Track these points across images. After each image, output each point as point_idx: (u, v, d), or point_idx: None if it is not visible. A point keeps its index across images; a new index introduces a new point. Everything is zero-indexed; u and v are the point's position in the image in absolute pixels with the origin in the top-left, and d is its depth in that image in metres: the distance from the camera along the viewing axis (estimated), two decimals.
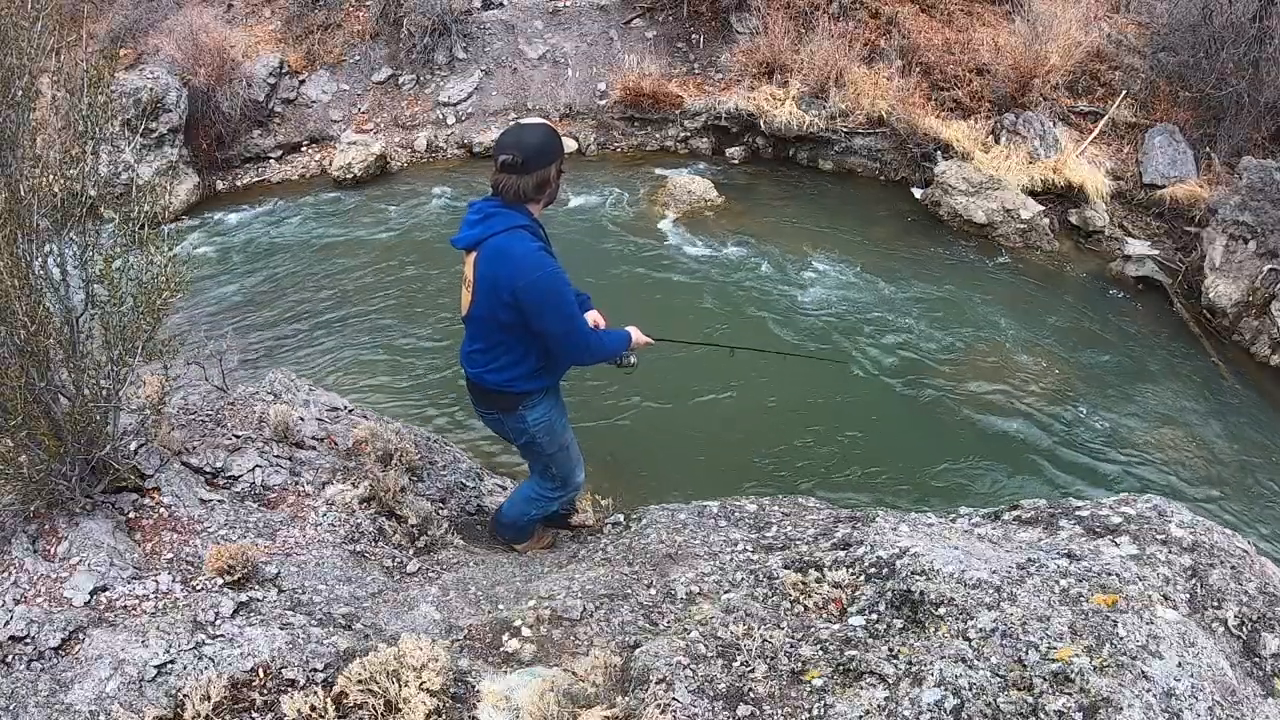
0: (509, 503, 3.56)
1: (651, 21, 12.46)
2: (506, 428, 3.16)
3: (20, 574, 2.61)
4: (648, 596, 2.74)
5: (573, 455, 3.33)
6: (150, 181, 3.12)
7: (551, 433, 3.16)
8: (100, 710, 2.19)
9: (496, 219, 2.78)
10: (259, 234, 9.99)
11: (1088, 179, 9.66)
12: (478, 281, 2.84)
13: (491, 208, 2.82)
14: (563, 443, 3.24)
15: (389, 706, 2.08)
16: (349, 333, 7.91)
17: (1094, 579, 2.05)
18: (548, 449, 3.20)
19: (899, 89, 10.73)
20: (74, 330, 2.86)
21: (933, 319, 8.02)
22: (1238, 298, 7.85)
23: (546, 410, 3.10)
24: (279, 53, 11.99)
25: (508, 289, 2.73)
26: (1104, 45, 10.89)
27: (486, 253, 2.79)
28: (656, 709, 1.98)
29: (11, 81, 2.65)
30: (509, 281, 2.72)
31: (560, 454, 3.26)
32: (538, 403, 3.06)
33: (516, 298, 2.73)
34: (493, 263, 2.77)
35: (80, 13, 11.05)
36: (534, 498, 3.42)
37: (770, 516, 3.26)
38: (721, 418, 6.60)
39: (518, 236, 2.75)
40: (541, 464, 3.30)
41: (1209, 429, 6.77)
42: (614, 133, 11.70)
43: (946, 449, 6.38)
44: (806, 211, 10.14)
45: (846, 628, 2.17)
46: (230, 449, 3.55)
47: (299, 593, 2.86)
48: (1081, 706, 1.74)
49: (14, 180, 2.65)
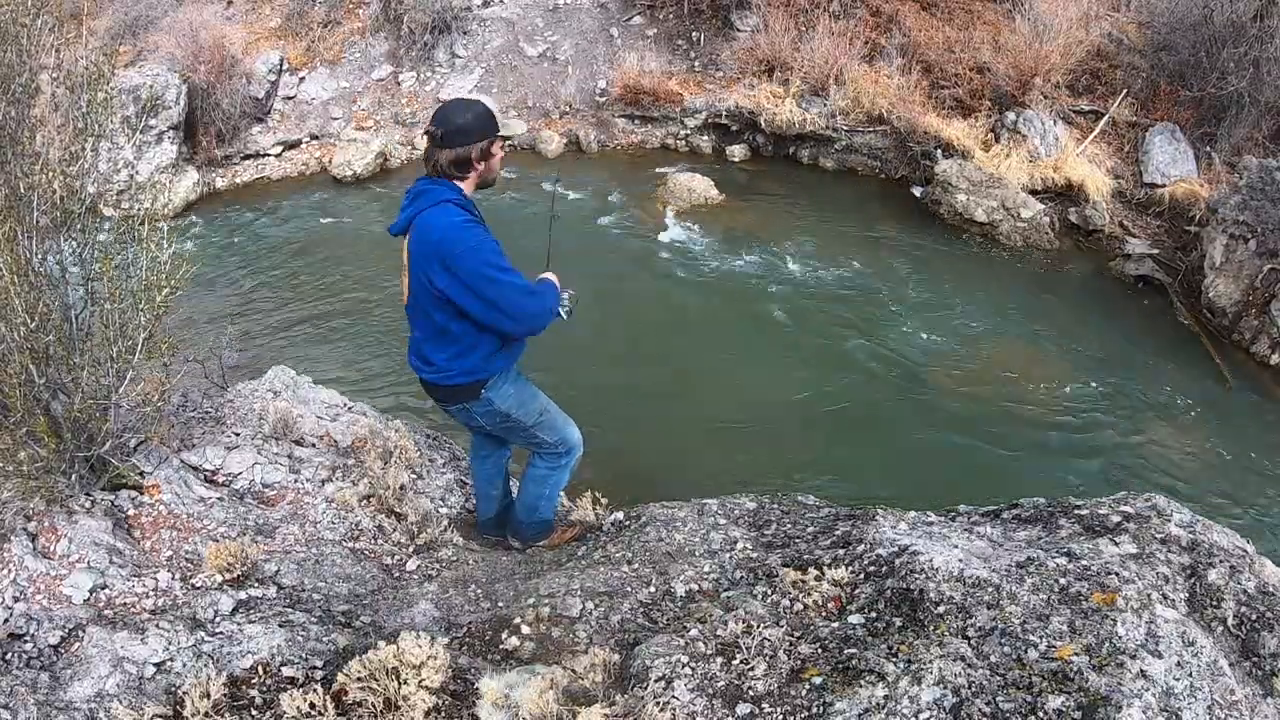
0: (517, 501, 3.45)
1: (652, 19, 12.45)
2: (477, 416, 3.06)
3: (19, 572, 2.61)
4: (647, 594, 2.73)
5: (557, 417, 3.19)
6: (150, 179, 3.12)
7: (524, 404, 3.06)
8: (99, 708, 2.19)
9: (423, 196, 2.74)
10: (259, 231, 9.98)
11: (1088, 178, 9.66)
12: (411, 263, 2.77)
13: (421, 186, 2.78)
14: (540, 408, 3.12)
15: (388, 704, 2.08)
16: (349, 330, 7.91)
17: (1093, 578, 2.05)
18: (527, 420, 3.09)
19: (899, 87, 10.72)
20: (73, 327, 2.86)
21: (932, 317, 8.02)
22: (1238, 297, 7.85)
23: (509, 385, 3.01)
24: (279, 49, 11.98)
25: (438, 262, 2.65)
26: (1104, 44, 10.87)
27: (415, 232, 2.73)
28: (656, 707, 1.98)
29: (11, 78, 2.65)
30: (438, 254, 2.64)
31: (544, 419, 3.14)
32: (499, 382, 2.97)
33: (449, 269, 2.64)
34: (422, 241, 2.70)
35: (80, 10, 11.03)
36: (543, 476, 3.29)
37: (770, 514, 3.26)
38: (722, 416, 6.60)
39: (444, 210, 2.69)
40: (530, 438, 3.18)
41: (1208, 428, 6.77)
42: (614, 130, 11.69)
43: (946, 447, 6.38)
44: (807, 210, 10.14)
45: (846, 626, 2.17)
46: (229, 446, 3.55)
47: (298, 590, 2.86)
48: (1080, 705, 1.74)
49: (14, 177, 2.65)
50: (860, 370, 7.33)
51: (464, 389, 2.94)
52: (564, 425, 3.23)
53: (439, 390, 2.99)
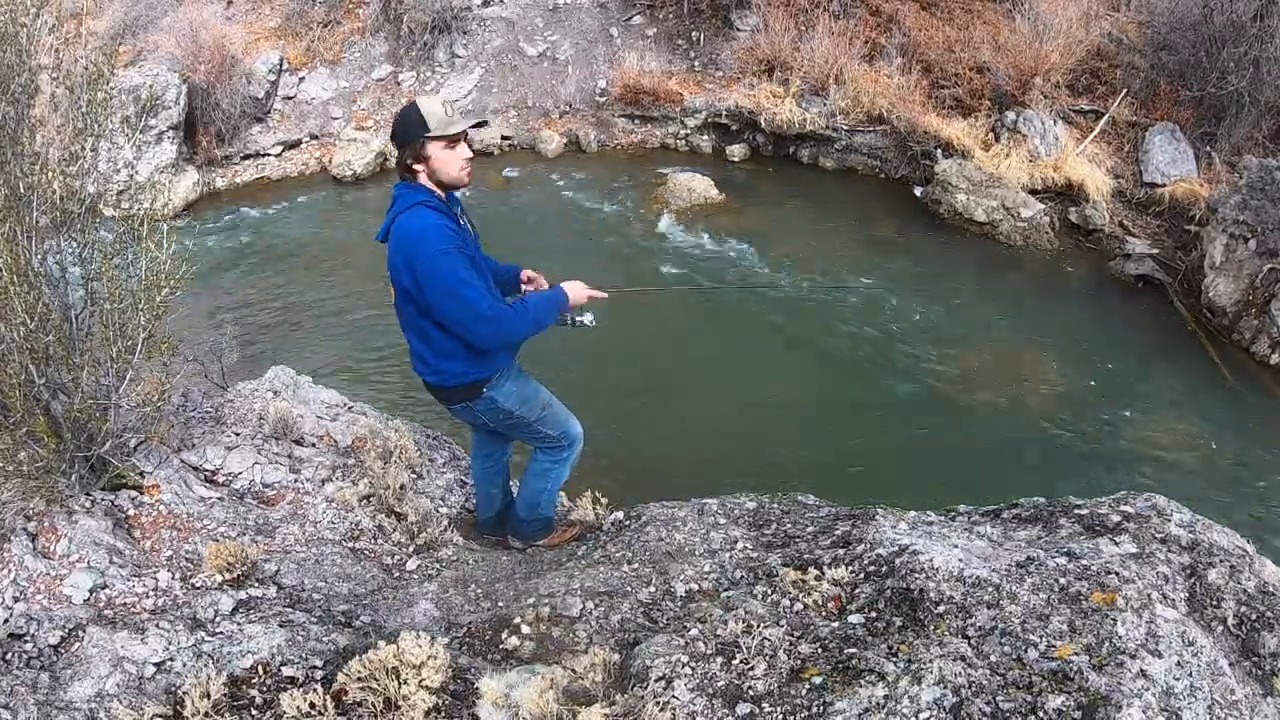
0: (518, 498, 3.45)
1: (652, 19, 12.45)
2: (481, 414, 3.06)
3: (19, 571, 2.61)
4: (647, 594, 2.73)
5: (559, 411, 3.19)
6: (150, 179, 3.12)
7: (526, 400, 3.06)
8: (99, 708, 2.19)
9: (398, 201, 2.76)
10: (259, 231, 9.98)
11: (1088, 177, 9.66)
12: (390, 269, 2.77)
13: (395, 191, 2.81)
14: (543, 403, 3.12)
15: (388, 704, 2.08)
16: (349, 330, 7.91)
17: (1093, 577, 2.05)
18: (530, 416, 3.08)
19: (899, 87, 10.72)
20: (73, 327, 2.86)
21: (932, 316, 8.02)
22: (1238, 297, 7.85)
23: (510, 382, 3.01)
24: (279, 49, 11.98)
25: (406, 266, 2.66)
26: (1104, 44, 10.87)
27: (391, 238, 2.74)
28: (656, 707, 1.98)
29: (11, 78, 2.65)
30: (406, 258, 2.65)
31: (547, 414, 3.13)
32: (500, 380, 2.97)
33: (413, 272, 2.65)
34: (395, 248, 2.70)
35: (80, 9, 11.03)
36: (544, 470, 3.28)
37: (770, 514, 3.25)
38: (722, 416, 6.60)
39: (416, 213, 2.69)
40: (534, 433, 3.17)
41: (1208, 427, 6.76)
42: (614, 130, 11.68)
43: (946, 446, 6.38)
44: (807, 210, 10.14)
45: (846, 626, 2.17)
46: (229, 446, 3.54)
47: (298, 590, 2.86)
48: (1080, 705, 1.74)
49: (14, 177, 2.65)
50: (860, 370, 7.33)
51: (465, 389, 2.95)
52: (566, 419, 3.22)
53: (441, 391, 3.00)
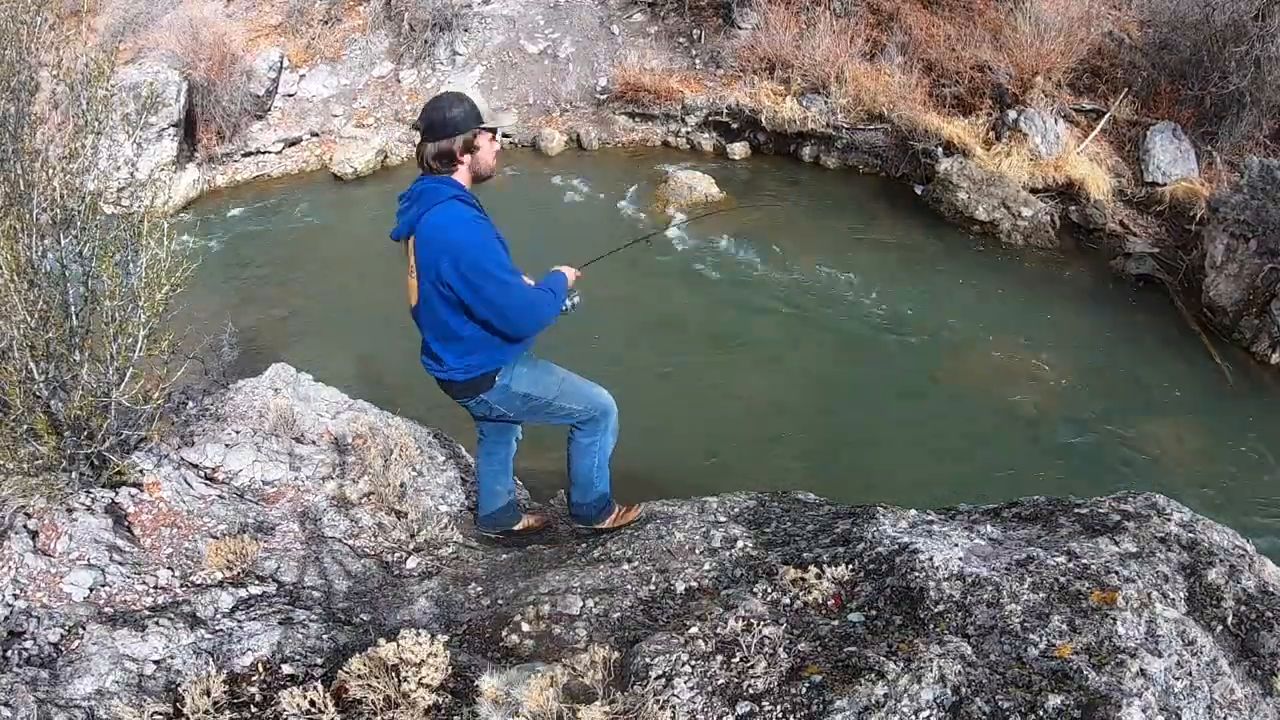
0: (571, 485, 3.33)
1: (653, 16, 12.43)
2: (497, 405, 3.02)
3: (19, 569, 2.61)
4: (647, 592, 2.74)
5: (578, 384, 3.11)
6: (150, 176, 3.12)
7: (538, 380, 3.01)
8: (99, 705, 2.19)
9: (426, 196, 2.71)
10: (260, 228, 9.98)
11: (1089, 176, 9.65)
12: (420, 266, 2.74)
13: (421, 186, 2.76)
14: (559, 380, 3.06)
15: (388, 702, 2.08)
16: (350, 327, 7.90)
17: (1093, 576, 2.05)
18: (548, 395, 3.02)
19: (900, 85, 10.70)
20: (74, 324, 2.86)
21: (933, 315, 8.01)
22: (1238, 296, 7.84)
23: (521, 365, 2.98)
24: (279, 47, 11.97)
25: (448, 258, 2.63)
26: (1105, 43, 10.86)
27: (424, 233, 2.69)
28: (656, 705, 1.98)
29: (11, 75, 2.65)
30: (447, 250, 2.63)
31: (567, 388, 3.06)
32: (512, 367, 2.94)
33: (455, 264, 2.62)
34: (430, 240, 2.67)
35: (80, 7, 11.02)
36: (586, 446, 3.19)
37: (770, 512, 3.26)
38: (722, 415, 6.60)
39: (451, 207, 2.67)
40: (558, 412, 3.08)
41: (1209, 427, 6.76)
42: (615, 128, 11.67)
43: (946, 445, 6.38)
44: (807, 208, 10.13)
45: (846, 624, 2.17)
46: (229, 444, 3.55)
47: (298, 588, 2.86)
48: (1080, 704, 1.74)
49: (14, 174, 2.65)
50: (860, 368, 7.33)
51: (478, 382, 2.94)
52: (589, 389, 3.14)
53: (454, 387, 2.97)
